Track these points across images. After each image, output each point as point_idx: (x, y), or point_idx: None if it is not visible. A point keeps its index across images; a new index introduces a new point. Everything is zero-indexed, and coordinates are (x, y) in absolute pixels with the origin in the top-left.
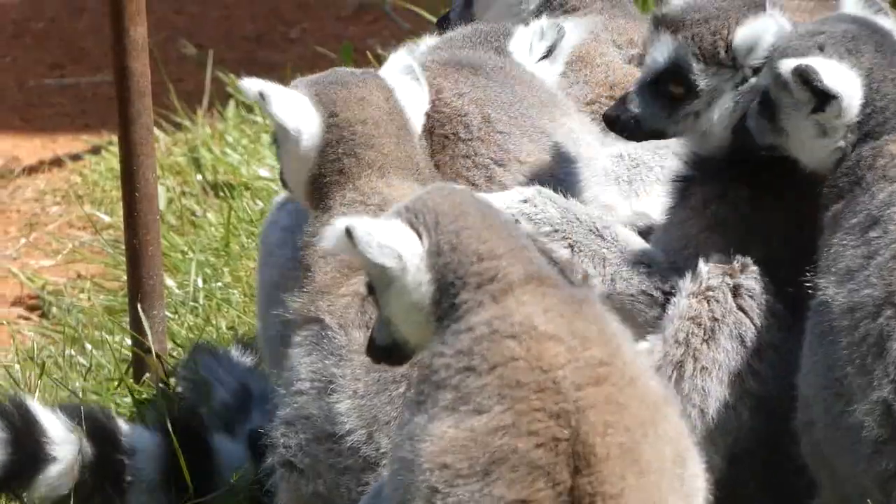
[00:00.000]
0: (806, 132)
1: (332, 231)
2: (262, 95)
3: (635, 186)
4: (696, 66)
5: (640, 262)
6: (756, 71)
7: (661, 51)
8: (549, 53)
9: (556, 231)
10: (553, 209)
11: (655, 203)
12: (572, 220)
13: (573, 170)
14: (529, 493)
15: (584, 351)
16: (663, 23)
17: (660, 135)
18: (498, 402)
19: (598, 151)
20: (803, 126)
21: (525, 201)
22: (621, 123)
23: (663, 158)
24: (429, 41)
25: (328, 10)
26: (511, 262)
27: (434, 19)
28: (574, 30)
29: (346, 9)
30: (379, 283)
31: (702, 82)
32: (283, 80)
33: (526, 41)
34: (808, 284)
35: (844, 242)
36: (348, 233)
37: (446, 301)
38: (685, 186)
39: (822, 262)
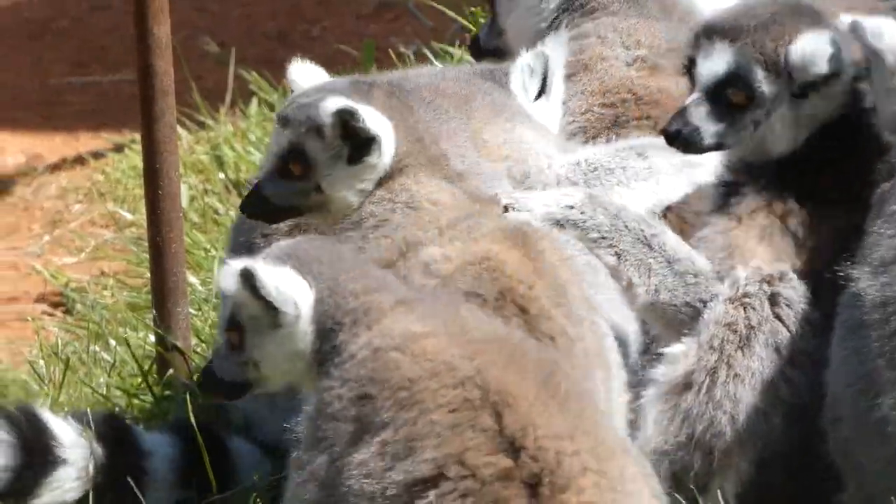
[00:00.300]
0: None
1: (228, 271)
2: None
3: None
4: (760, 73)
5: (687, 272)
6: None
7: (719, 60)
8: (543, 86)
9: (604, 238)
10: (602, 216)
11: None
12: (621, 229)
13: (526, 182)
14: (460, 443)
15: (464, 335)
16: (716, 32)
17: (720, 146)
18: (400, 410)
19: (553, 160)
20: None
21: (572, 207)
22: (683, 138)
23: (624, 160)
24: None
25: (350, 8)
26: (382, 293)
27: (456, 16)
28: (556, 49)
29: (367, 6)
30: (256, 326)
31: (765, 88)
32: None
33: (521, 85)
34: (841, 275)
35: (882, 231)
36: (246, 275)
37: (327, 345)
38: (729, 192)
39: (859, 250)
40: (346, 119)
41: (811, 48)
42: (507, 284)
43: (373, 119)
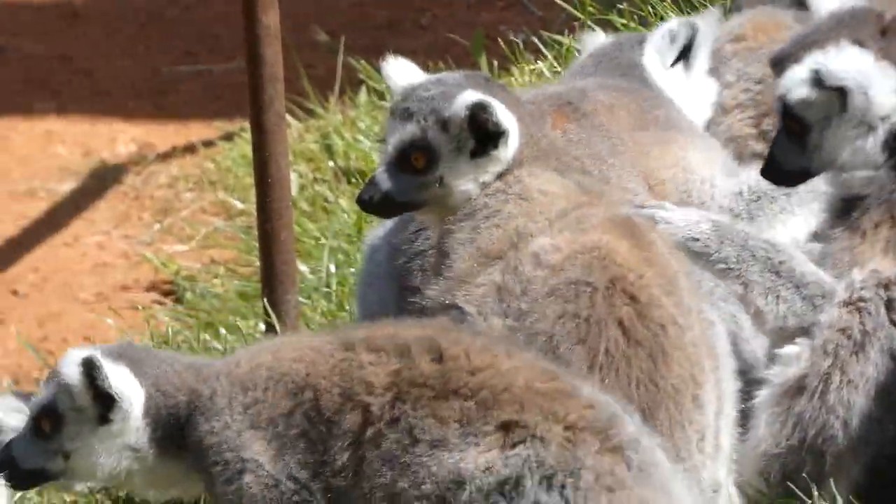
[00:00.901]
0: None
1: (71, 358)
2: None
3: (758, 223)
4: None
5: (815, 295)
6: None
7: (793, 86)
8: (683, 55)
9: (731, 270)
10: (729, 249)
11: (784, 234)
12: (747, 260)
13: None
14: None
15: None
16: (784, 62)
17: (805, 174)
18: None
19: (716, 189)
20: None
21: (697, 240)
22: (773, 170)
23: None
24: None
25: None
26: (207, 377)
27: (565, 5)
28: (709, 24)
29: None
30: (78, 418)
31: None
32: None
33: (657, 49)
34: None
35: None
36: (88, 364)
37: (172, 422)
38: (850, 208)
39: None
40: (476, 112)
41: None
42: (617, 273)
43: (503, 113)
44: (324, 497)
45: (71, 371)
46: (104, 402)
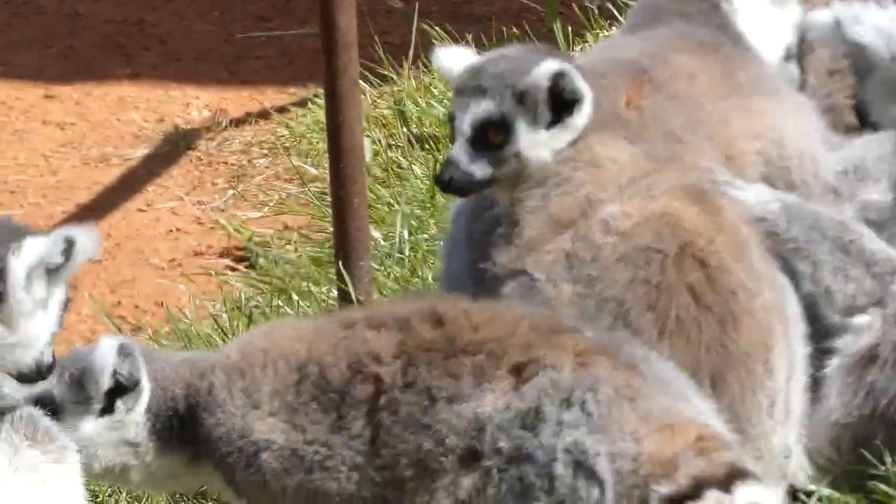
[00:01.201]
0: None
1: (104, 343)
2: None
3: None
4: None
5: (885, 272)
6: None
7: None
8: None
9: (799, 250)
10: (798, 229)
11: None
12: (815, 239)
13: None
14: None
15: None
16: None
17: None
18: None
19: (819, 165)
20: None
21: (765, 219)
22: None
23: (892, 165)
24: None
25: None
26: (203, 372)
27: None
28: None
29: None
30: (77, 410)
31: None
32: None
33: None
34: None
35: None
36: (125, 351)
37: (173, 414)
38: None
39: None
40: (557, 81)
41: None
42: (687, 239)
43: (580, 80)
44: (345, 456)
45: (105, 354)
46: (118, 393)
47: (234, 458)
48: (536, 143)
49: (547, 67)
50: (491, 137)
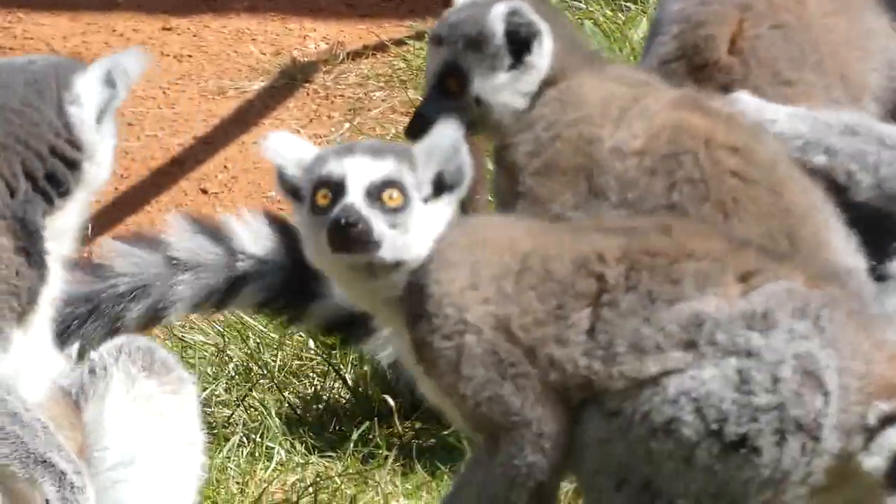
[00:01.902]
0: None
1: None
2: None
3: None
4: None
5: None
6: None
7: None
8: None
9: (808, 143)
10: (802, 125)
11: None
12: (821, 129)
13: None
14: None
15: None
16: None
17: None
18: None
19: None
20: None
21: (773, 121)
22: None
23: None
24: None
25: None
26: None
27: None
28: None
29: None
30: None
31: None
32: None
33: None
34: None
35: None
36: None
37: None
38: None
39: None
40: (510, 20)
41: None
42: (706, 135)
43: (533, 14)
44: (548, 361)
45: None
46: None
47: (438, 323)
48: (497, 88)
49: (498, 10)
50: (450, 86)
